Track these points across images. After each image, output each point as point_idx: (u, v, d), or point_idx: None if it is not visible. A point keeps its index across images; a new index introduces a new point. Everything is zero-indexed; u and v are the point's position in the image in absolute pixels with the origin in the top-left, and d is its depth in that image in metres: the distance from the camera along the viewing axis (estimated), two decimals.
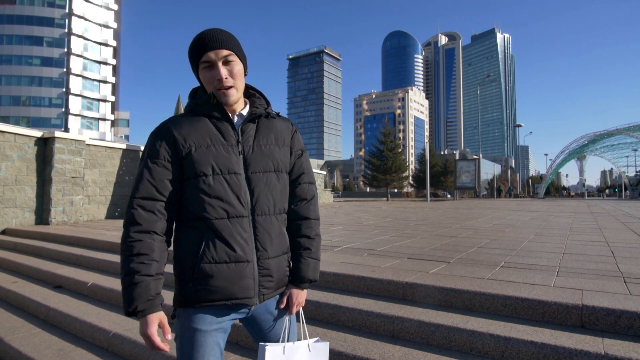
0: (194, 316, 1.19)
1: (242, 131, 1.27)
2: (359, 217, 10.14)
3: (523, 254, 4.06)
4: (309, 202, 1.40)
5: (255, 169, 1.25)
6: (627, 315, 2.09)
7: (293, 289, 1.34)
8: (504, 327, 2.20)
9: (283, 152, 1.33)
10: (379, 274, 3.07)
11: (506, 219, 9.25)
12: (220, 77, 1.20)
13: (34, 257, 5.48)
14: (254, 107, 1.32)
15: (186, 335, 1.19)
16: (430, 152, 40.06)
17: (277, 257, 1.28)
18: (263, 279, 1.24)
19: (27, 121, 56.11)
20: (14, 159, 7.71)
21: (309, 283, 1.37)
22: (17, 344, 2.92)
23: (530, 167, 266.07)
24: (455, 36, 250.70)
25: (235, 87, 1.24)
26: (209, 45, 1.20)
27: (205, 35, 1.21)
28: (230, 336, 2.63)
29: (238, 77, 1.25)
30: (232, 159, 1.23)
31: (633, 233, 6.18)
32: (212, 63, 1.21)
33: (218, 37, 1.21)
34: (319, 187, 21.15)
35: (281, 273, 1.30)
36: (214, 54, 1.20)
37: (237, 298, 1.19)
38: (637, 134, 46.52)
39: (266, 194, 1.26)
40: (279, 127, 1.35)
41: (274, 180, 1.29)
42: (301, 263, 1.35)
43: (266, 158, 1.28)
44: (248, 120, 1.29)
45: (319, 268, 1.41)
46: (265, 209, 1.26)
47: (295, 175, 1.39)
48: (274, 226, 1.28)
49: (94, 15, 61.62)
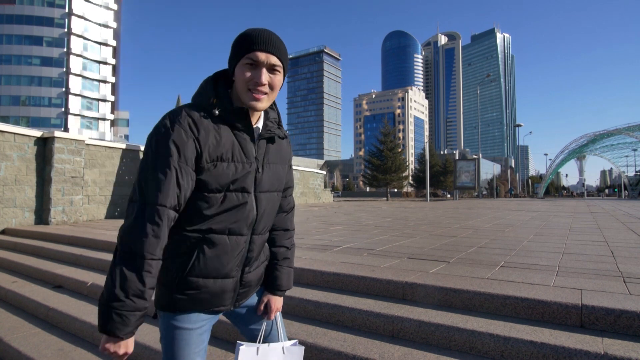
0: (175, 316, 1.18)
1: (257, 147, 1.22)
2: (359, 216, 10.14)
3: (523, 254, 4.07)
4: (289, 213, 1.43)
5: (263, 188, 1.22)
6: (627, 315, 2.09)
7: (270, 297, 1.37)
8: (504, 327, 2.20)
9: (285, 171, 1.33)
10: (378, 273, 3.07)
11: (506, 219, 9.25)
12: (261, 81, 1.10)
13: (33, 257, 5.47)
14: (268, 121, 1.25)
15: (170, 335, 1.18)
16: (430, 152, 40.07)
17: (257, 269, 1.31)
18: (242, 290, 1.27)
19: (27, 121, 56.08)
20: (14, 159, 7.70)
21: (285, 291, 1.40)
22: (17, 343, 2.92)
23: (530, 167, 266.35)
24: (455, 36, 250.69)
25: (269, 97, 1.15)
26: (264, 46, 1.10)
27: (263, 34, 1.11)
28: (230, 336, 2.63)
29: (275, 90, 1.17)
30: (248, 178, 1.17)
31: (633, 233, 6.18)
32: (258, 63, 1.10)
33: (276, 43, 1.12)
34: (318, 187, 21.15)
35: (258, 280, 1.34)
36: (265, 55, 1.10)
37: (215, 307, 1.21)
38: (636, 134, 46.56)
39: (268, 214, 1.26)
40: (283, 145, 1.33)
41: (276, 199, 1.30)
42: (280, 272, 1.38)
43: (273, 178, 1.25)
44: (265, 138, 1.24)
45: (292, 276, 1.45)
46: (262, 229, 1.26)
47: (284, 188, 1.38)
48: (263, 243, 1.30)
49: (93, 15, 61.59)
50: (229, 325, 2.58)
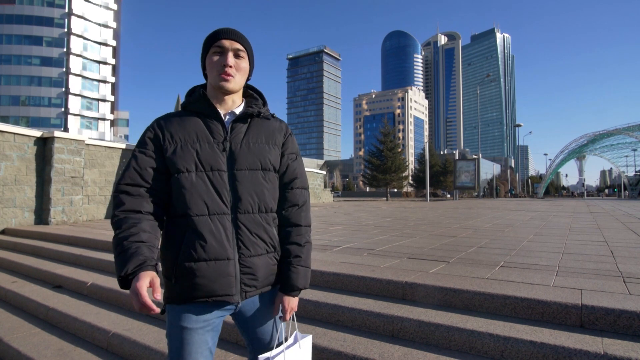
0: (180, 314, 1.20)
1: (231, 128, 1.28)
2: (359, 216, 10.14)
3: (522, 254, 4.07)
4: (300, 208, 1.38)
5: (241, 166, 1.25)
6: (627, 314, 2.09)
7: (284, 297, 1.34)
8: (504, 327, 2.20)
9: (273, 152, 1.32)
10: (378, 273, 3.07)
11: (505, 219, 9.25)
12: (227, 62, 1.25)
13: (33, 257, 5.48)
14: (248, 107, 1.34)
15: (174, 333, 1.21)
16: (429, 152, 40.07)
17: (261, 256, 1.27)
18: (245, 277, 1.24)
19: (27, 121, 56.02)
20: (14, 159, 7.70)
21: (300, 291, 1.35)
22: (17, 343, 2.92)
23: (529, 167, 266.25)
24: (454, 36, 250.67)
25: (236, 79, 1.28)
26: (226, 35, 1.27)
27: (225, 28, 1.29)
28: (230, 336, 2.64)
29: (242, 73, 1.30)
30: (217, 156, 1.24)
31: (632, 233, 6.18)
32: (223, 49, 1.26)
33: (236, 33, 1.29)
34: (318, 187, 21.13)
35: (266, 272, 1.29)
36: (228, 42, 1.26)
37: (217, 295, 1.19)
38: (636, 134, 46.59)
39: (250, 192, 1.26)
40: (271, 128, 1.35)
41: (260, 178, 1.28)
42: (291, 272, 1.33)
43: (253, 156, 1.28)
44: (239, 119, 1.31)
45: (309, 275, 1.39)
46: (248, 207, 1.25)
47: (288, 179, 1.37)
48: (257, 225, 1.27)
49: (93, 15, 61.50)
50: (229, 326, 2.58)
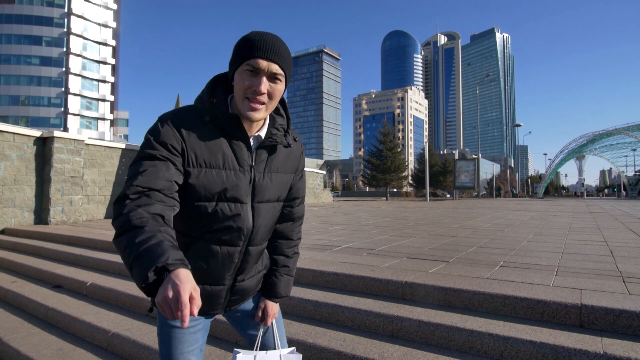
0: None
1: (255, 154, 1.14)
2: (358, 216, 10.14)
3: (522, 254, 4.07)
4: (294, 223, 1.36)
5: (262, 198, 1.16)
6: (626, 314, 2.09)
7: (267, 302, 1.33)
8: (503, 327, 2.20)
9: (289, 179, 1.26)
10: (378, 273, 3.07)
11: (505, 219, 9.26)
12: (259, 90, 1.03)
13: (33, 257, 5.47)
14: (273, 128, 1.17)
15: (164, 332, 1.20)
16: (429, 152, 40.12)
17: (252, 277, 1.26)
18: (233, 297, 1.24)
19: (26, 121, 55.98)
20: (13, 159, 7.69)
21: (282, 298, 1.36)
22: (16, 343, 2.92)
23: (529, 167, 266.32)
24: (454, 36, 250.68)
25: (267, 107, 1.09)
26: (266, 53, 1.02)
27: (266, 40, 1.03)
28: (230, 336, 2.64)
29: (275, 100, 1.09)
30: (242, 188, 1.11)
31: (632, 232, 6.19)
32: (258, 71, 1.03)
33: (278, 50, 1.04)
34: (318, 187, 21.14)
35: (254, 287, 1.30)
36: (266, 63, 1.03)
37: (203, 310, 1.19)
38: (635, 134, 46.60)
39: (266, 225, 1.21)
40: (293, 155, 1.25)
41: (277, 209, 1.24)
42: (278, 280, 1.33)
43: (275, 188, 1.19)
44: (265, 147, 1.16)
45: (292, 284, 1.40)
46: (260, 240, 1.21)
47: (291, 197, 1.31)
48: (260, 253, 1.25)
49: (93, 14, 61.47)
50: (228, 326, 2.58)
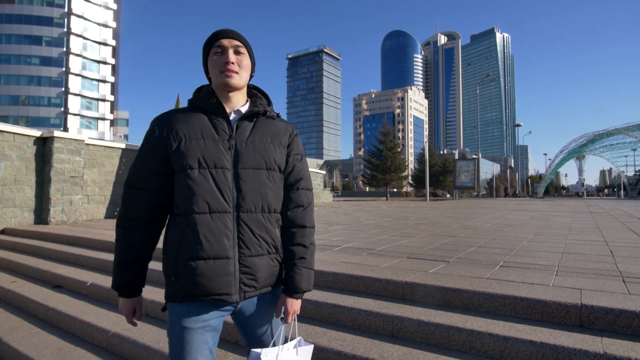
0: (181, 314, 1.21)
1: (237, 127, 1.28)
2: (358, 216, 10.14)
3: (522, 254, 4.07)
4: (305, 209, 1.36)
5: (245, 165, 1.25)
6: (626, 314, 2.09)
7: (287, 299, 1.32)
8: (503, 327, 2.20)
9: (278, 152, 1.31)
10: (378, 273, 3.07)
11: (505, 219, 9.26)
12: (228, 60, 1.26)
13: (33, 257, 5.47)
14: (254, 106, 1.34)
15: (174, 332, 1.22)
16: (429, 152, 40.12)
17: (262, 256, 1.25)
18: (244, 277, 1.22)
19: (26, 121, 55.95)
20: (13, 159, 7.69)
21: (303, 293, 1.34)
22: (16, 343, 2.92)
23: (529, 167, 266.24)
24: (454, 36, 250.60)
25: (240, 75, 1.29)
26: (224, 34, 1.29)
27: (221, 29, 1.31)
28: (230, 336, 2.64)
29: (244, 69, 1.30)
30: (221, 153, 1.23)
31: (632, 232, 6.19)
32: (223, 48, 1.27)
33: (233, 31, 1.31)
34: (318, 187, 21.13)
35: (267, 272, 1.27)
36: (227, 41, 1.28)
37: (216, 294, 1.19)
38: (636, 134, 46.60)
39: (254, 191, 1.25)
40: (277, 128, 1.35)
41: (264, 177, 1.27)
42: (295, 273, 1.31)
43: (258, 155, 1.27)
44: (245, 117, 1.31)
45: (313, 278, 1.37)
46: (251, 207, 1.24)
47: (293, 179, 1.36)
48: (260, 225, 1.25)
49: (93, 14, 61.43)
50: (229, 326, 2.58)
